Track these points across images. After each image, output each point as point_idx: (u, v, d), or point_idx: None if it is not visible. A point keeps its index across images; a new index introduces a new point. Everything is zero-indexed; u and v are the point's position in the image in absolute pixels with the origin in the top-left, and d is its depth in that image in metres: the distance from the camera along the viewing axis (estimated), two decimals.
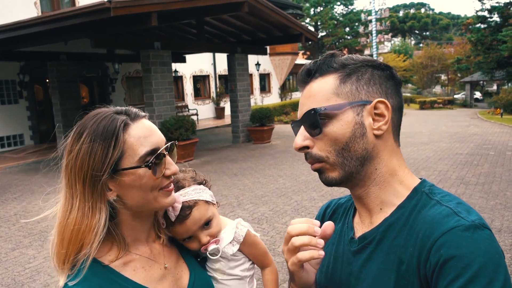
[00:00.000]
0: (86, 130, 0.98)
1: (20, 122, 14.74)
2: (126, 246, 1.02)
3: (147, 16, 8.62)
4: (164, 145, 1.02)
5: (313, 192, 7.51)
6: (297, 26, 13.43)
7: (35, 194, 8.50)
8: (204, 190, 1.20)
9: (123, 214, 1.02)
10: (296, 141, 0.93)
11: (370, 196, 0.92)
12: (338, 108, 0.88)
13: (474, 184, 7.55)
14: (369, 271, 0.89)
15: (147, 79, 11.20)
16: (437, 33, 67.81)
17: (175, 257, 1.15)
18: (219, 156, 11.89)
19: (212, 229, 1.19)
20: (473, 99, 33.58)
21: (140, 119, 1.02)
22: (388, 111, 0.89)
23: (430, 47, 42.36)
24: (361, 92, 0.89)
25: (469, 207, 0.82)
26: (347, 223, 1.02)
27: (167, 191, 1.02)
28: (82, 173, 0.96)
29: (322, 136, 0.89)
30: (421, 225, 0.82)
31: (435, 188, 0.90)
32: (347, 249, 0.97)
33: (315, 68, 0.93)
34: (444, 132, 15.27)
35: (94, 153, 0.95)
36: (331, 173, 0.91)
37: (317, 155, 0.91)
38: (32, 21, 9.30)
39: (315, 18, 43.91)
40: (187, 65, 20.77)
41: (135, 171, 0.96)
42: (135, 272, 1.02)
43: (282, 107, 23.71)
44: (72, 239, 0.96)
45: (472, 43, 28.36)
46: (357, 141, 0.88)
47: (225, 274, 1.23)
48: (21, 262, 5.06)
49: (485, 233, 0.76)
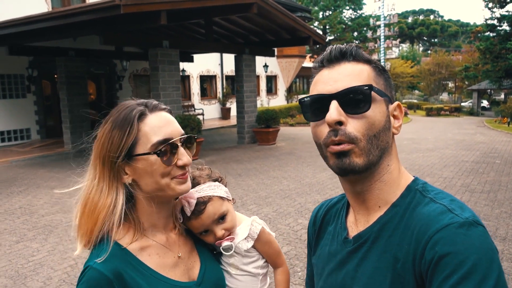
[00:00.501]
0: (110, 119, 1.09)
1: (27, 117, 14.83)
2: (142, 229, 1.09)
3: (157, 15, 8.66)
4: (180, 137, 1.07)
5: (317, 194, 7.50)
6: (305, 29, 13.44)
7: (40, 188, 8.54)
8: (219, 187, 1.25)
9: (140, 199, 1.09)
10: (332, 114, 0.85)
11: (373, 192, 0.92)
12: (382, 94, 0.90)
13: (479, 192, 7.51)
14: (364, 270, 0.89)
15: (155, 77, 11.24)
16: (445, 40, 67.59)
17: (189, 248, 1.20)
18: (224, 157, 11.90)
19: (227, 223, 1.23)
20: (480, 107, 33.41)
21: (159, 111, 1.09)
22: (402, 115, 0.94)
23: (438, 54, 42.18)
24: (387, 91, 0.93)
25: (462, 204, 0.83)
26: (340, 223, 1.02)
27: (181, 179, 1.07)
28: (102, 155, 1.06)
29: (361, 116, 0.86)
30: (416, 223, 0.83)
31: (428, 185, 0.91)
32: (341, 249, 0.97)
33: (349, 52, 0.93)
34: (450, 139, 15.20)
35: (112, 138, 1.05)
36: (357, 158, 0.86)
37: (352, 134, 0.85)
38: (42, 16, 9.36)
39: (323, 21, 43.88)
40: (194, 65, 20.83)
41: (147, 157, 1.03)
42: (150, 257, 1.08)
43: (288, 109, 23.72)
44: (89, 214, 1.05)
45: (480, 51, 28.21)
46: (385, 132, 0.90)
47: (239, 269, 1.26)
48: (25, 255, 5.09)
49: (479, 230, 0.77)
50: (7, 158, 11.68)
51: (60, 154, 12.51)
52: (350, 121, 0.86)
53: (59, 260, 4.90)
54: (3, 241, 5.60)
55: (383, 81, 0.92)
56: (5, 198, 7.84)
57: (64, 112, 13.26)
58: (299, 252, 4.90)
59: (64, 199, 7.57)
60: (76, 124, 13.26)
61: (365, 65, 0.92)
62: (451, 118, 27.57)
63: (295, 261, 4.67)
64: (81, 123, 13.37)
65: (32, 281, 4.38)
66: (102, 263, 0.98)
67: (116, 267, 0.99)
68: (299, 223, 5.97)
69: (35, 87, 14.99)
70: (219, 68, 24.11)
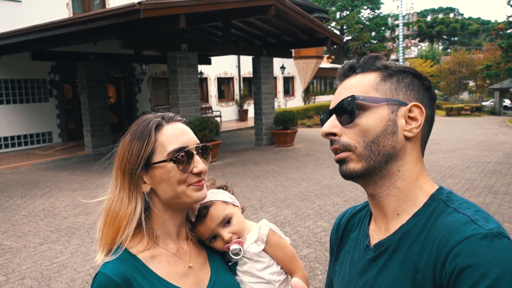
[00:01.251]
0: (130, 131, 1.14)
1: (49, 120, 15.14)
2: (155, 239, 1.12)
3: (176, 18, 8.74)
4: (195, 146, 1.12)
5: (336, 197, 7.45)
6: (323, 29, 13.38)
7: (63, 190, 8.71)
8: (223, 193, 1.27)
9: (156, 208, 1.12)
10: (324, 127, 0.93)
11: (389, 198, 0.92)
12: (375, 101, 0.90)
13: (503, 193, 7.36)
14: (384, 279, 0.88)
15: (173, 80, 11.34)
16: (466, 38, 66.37)
17: (202, 260, 1.21)
18: (242, 158, 11.93)
19: (233, 226, 1.23)
20: (502, 107, 32.69)
21: (175, 122, 1.15)
22: (422, 116, 0.91)
23: (459, 53, 41.44)
24: (399, 93, 0.92)
25: (487, 215, 0.81)
26: (362, 230, 1.02)
27: (197, 186, 1.11)
28: (122, 166, 1.11)
29: (353, 125, 0.90)
30: (437, 233, 0.81)
31: (453, 195, 0.89)
32: (363, 256, 0.96)
33: (358, 65, 0.96)
34: (472, 140, 14.92)
35: (132, 149, 1.10)
36: (354, 164, 0.90)
37: (345, 142, 0.91)
38: (64, 22, 9.55)
39: (341, 22, 43.64)
40: (211, 67, 20.95)
41: (164, 165, 1.08)
42: (160, 265, 1.10)
43: (305, 110, 23.64)
44: (111, 223, 1.09)
45: (502, 49, 27.65)
46: (387, 137, 0.89)
47: (253, 276, 1.24)
48: (49, 257, 5.20)
49: (503, 242, 0.74)
50: (30, 161, 11.95)
51: (81, 157, 12.73)
52: (345, 131, 0.91)
53: (82, 262, 4.99)
54: (28, 242, 5.73)
55: (390, 85, 0.92)
56: (28, 200, 8.02)
57: (85, 116, 13.49)
58: (319, 255, 4.88)
59: (79, 199, 7.70)
60: (96, 127, 13.47)
61: (372, 74, 0.94)
62: (472, 118, 27.05)
63: (315, 264, 4.65)
64: (101, 126, 13.58)
65: (56, 283, 4.47)
66: (111, 268, 1.02)
67: (124, 272, 1.02)
68: (319, 226, 5.95)
69: (57, 91, 15.30)
70: (236, 70, 24.19)
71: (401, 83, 0.92)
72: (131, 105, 18.44)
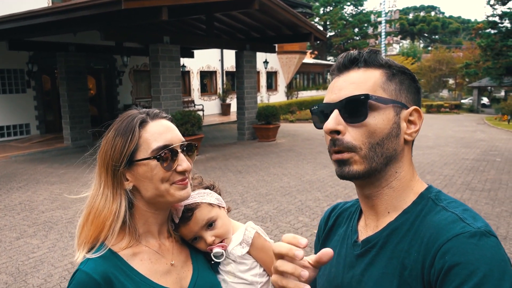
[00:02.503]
0: (113, 127, 1.12)
1: (27, 112, 14.80)
2: (137, 236, 1.10)
3: (158, 10, 8.61)
4: (179, 144, 1.10)
5: (317, 192, 7.49)
6: (306, 25, 13.39)
7: (40, 183, 8.53)
8: (209, 194, 1.25)
9: (139, 205, 1.10)
10: (329, 123, 0.87)
11: (382, 198, 0.92)
12: (385, 102, 0.88)
13: (480, 190, 7.51)
14: (371, 275, 0.88)
15: (155, 73, 11.21)
16: (446, 36, 67.40)
17: (184, 257, 1.20)
18: (224, 153, 11.89)
19: (217, 230, 1.22)
20: (480, 105, 33.37)
21: (160, 119, 1.12)
22: (420, 120, 0.93)
23: (439, 51, 42.08)
24: (402, 95, 0.91)
25: (475, 214, 0.82)
26: (351, 226, 1.02)
27: (180, 185, 1.09)
28: (106, 163, 1.09)
29: (360, 125, 0.87)
30: (426, 231, 0.82)
31: (441, 194, 0.90)
32: (350, 252, 0.96)
33: (361, 58, 0.92)
34: (450, 137, 15.19)
35: (115, 145, 1.08)
36: (357, 166, 0.87)
37: (350, 143, 0.87)
38: (42, 11, 9.32)
39: (324, 17, 43.81)
40: (194, 60, 20.75)
41: (148, 162, 1.05)
42: (142, 263, 1.08)
43: (288, 105, 23.69)
44: (94, 221, 1.06)
45: (481, 48, 28.17)
46: (391, 139, 0.88)
47: (236, 277, 1.23)
48: (25, 252, 5.09)
49: (491, 240, 0.75)
50: (6, 154, 11.66)
51: (59, 150, 12.50)
52: (350, 129, 0.87)
53: (60, 257, 4.90)
54: (4, 237, 5.60)
55: (394, 85, 0.90)
56: (4, 194, 7.83)
57: (64, 108, 13.21)
58: None
59: (64, 195, 7.56)
60: (76, 119, 13.22)
61: (376, 70, 0.91)
62: (451, 115, 27.54)
63: None
64: (81, 119, 13.34)
65: (32, 278, 4.38)
66: (91, 266, 1.00)
67: (105, 270, 1.00)
68: (300, 221, 5.97)
69: (35, 82, 14.95)
70: (219, 64, 24.04)
71: (403, 85, 0.92)
72: (112, 97, 18.15)
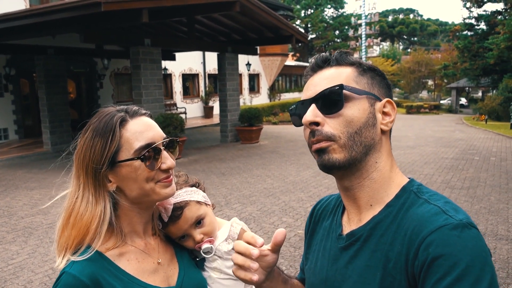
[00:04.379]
0: (90, 127, 1.07)
1: (4, 116, 14.48)
2: (123, 237, 1.08)
3: (138, 12, 8.55)
4: (162, 141, 1.07)
5: (300, 193, 7.53)
6: (288, 27, 13.46)
7: (19, 189, 8.36)
8: (196, 192, 1.25)
9: (123, 206, 1.08)
10: (307, 116, 0.91)
11: (364, 190, 0.93)
12: (359, 92, 0.91)
13: (459, 188, 7.66)
14: (355, 268, 0.89)
15: (136, 76, 11.11)
16: (425, 39, 68.62)
17: (169, 256, 1.19)
18: (207, 155, 11.85)
19: (205, 227, 1.23)
20: (458, 105, 34.07)
21: (139, 116, 1.09)
22: (394, 111, 0.96)
23: (418, 53, 42.83)
24: (374, 89, 0.95)
25: (456, 206, 0.84)
26: (335, 220, 1.03)
27: (165, 183, 1.07)
28: (85, 165, 1.05)
29: (337, 115, 0.90)
30: (409, 223, 0.83)
31: (423, 187, 0.92)
32: (335, 245, 0.97)
33: (332, 58, 0.97)
34: (430, 137, 15.45)
35: (94, 146, 1.03)
36: (336, 154, 0.89)
37: (329, 132, 0.89)
38: (20, 13, 9.15)
39: (305, 20, 44.10)
40: (176, 63, 20.67)
41: (131, 163, 1.03)
42: (129, 263, 1.07)
43: (271, 107, 23.77)
44: (76, 225, 1.03)
45: (459, 50, 28.78)
46: (368, 129, 0.91)
47: (222, 273, 1.24)
48: (4, 258, 4.97)
49: (472, 232, 0.77)
50: None
51: (39, 154, 12.26)
52: (328, 120, 0.90)
53: (40, 263, 4.81)
54: None
55: (366, 80, 0.94)
56: None
57: (43, 112, 12.98)
58: (284, 251, 4.92)
59: (44, 200, 7.42)
60: (55, 123, 13.00)
61: (348, 68, 0.95)
62: (431, 116, 28.02)
63: (280, 259, 4.68)
64: (61, 123, 13.13)
65: (12, 285, 4.28)
66: (78, 268, 0.97)
67: (93, 272, 0.98)
68: (284, 222, 5.99)
69: (12, 86, 14.63)
70: (201, 66, 23.98)
71: (374, 80, 0.95)
72: (93, 101, 17.91)
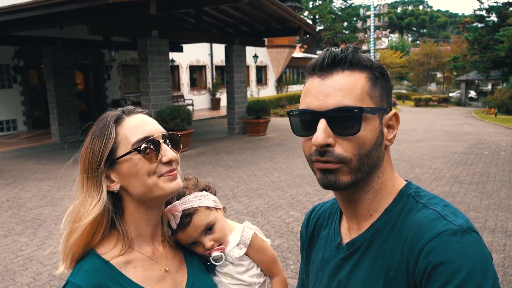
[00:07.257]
0: (90, 131, 1.08)
1: (13, 107, 14.57)
2: (129, 243, 1.05)
3: (146, 4, 8.50)
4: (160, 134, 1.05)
5: (308, 186, 7.51)
6: (296, 19, 13.35)
7: (28, 180, 8.42)
8: (206, 196, 1.20)
9: (129, 207, 1.06)
10: (318, 137, 0.82)
11: (364, 202, 0.90)
12: (373, 112, 0.85)
13: (468, 183, 7.59)
14: (357, 277, 0.88)
15: (144, 68, 11.10)
16: (434, 30, 67.86)
17: (178, 262, 1.16)
18: (214, 148, 11.85)
19: (216, 234, 1.19)
20: (467, 98, 33.73)
21: (136, 114, 1.08)
22: (397, 124, 0.91)
23: (427, 45, 42.37)
24: (383, 100, 0.88)
25: (455, 210, 0.82)
26: (333, 228, 1.01)
27: (169, 176, 1.04)
28: (85, 168, 1.04)
29: (351, 137, 0.83)
30: (408, 230, 0.82)
31: (421, 190, 0.90)
32: (335, 255, 0.95)
33: (344, 59, 0.86)
34: (439, 130, 15.32)
35: (93, 148, 1.04)
36: (344, 177, 0.84)
37: (341, 155, 0.83)
38: (28, 5, 9.14)
39: (313, 11, 43.75)
40: (183, 55, 20.61)
41: (130, 157, 1.01)
42: (135, 270, 1.04)
43: (278, 100, 23.67)
44: (76, 231, 1.01)
45: (469, 42, 28.42)
46: (377, 149, 0.86)
47: (234, 278, 1.22)
48: (13, 250, 5.02)
49: (472, 237, 0.76)
50: None
51: (47, 146, 12.34)
52: (339, 141, 0.83)
53: (49, 254, 4.84)
54: None
55: (379, 91, 0.86)
56: None
57: (51, 103, 13.03)
58: (291, 245, 4.91)
59: (52, 191, 7.47)
60: (63, 115, 13.06)
61: (361, 74, 0.85)
62: (440, 109, 27.79)
63: (288, 254, 4.67)
64: (69, 114, 13.18)
65: (21, 277, 4.32)
66: (82, 277, 0.96)
67: (97, 282, 0.96)
68: (291, 215, 5.98)
69: (21, 77, 14.71)
70: (209, 58, 23.91)
71: (385, 89, 0.88)
72: (100, 92, 17.96)
